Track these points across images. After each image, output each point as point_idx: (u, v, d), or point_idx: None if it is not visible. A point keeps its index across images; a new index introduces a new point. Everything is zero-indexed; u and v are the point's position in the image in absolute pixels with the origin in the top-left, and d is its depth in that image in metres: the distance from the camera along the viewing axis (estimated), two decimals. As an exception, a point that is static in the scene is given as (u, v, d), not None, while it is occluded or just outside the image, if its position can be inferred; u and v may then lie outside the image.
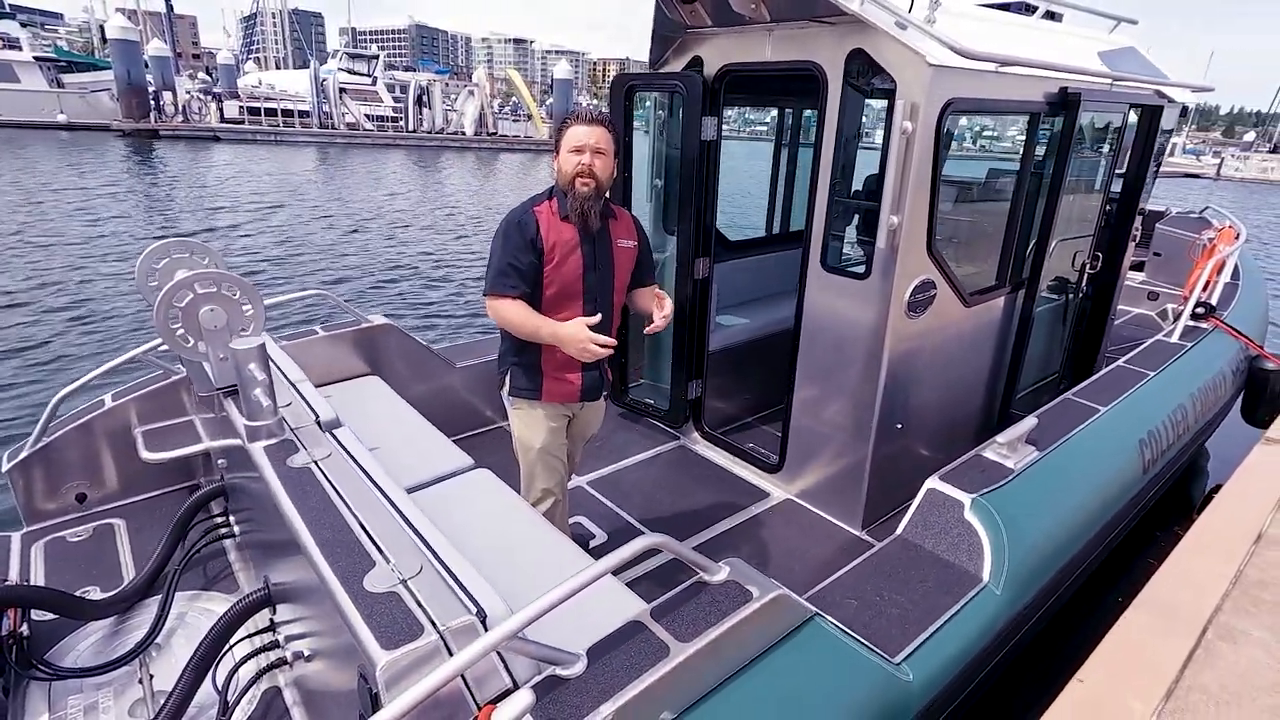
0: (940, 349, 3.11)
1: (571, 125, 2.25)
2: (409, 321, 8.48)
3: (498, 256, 2.26)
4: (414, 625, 1.33)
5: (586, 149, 2.20)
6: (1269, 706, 1.82)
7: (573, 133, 2.22)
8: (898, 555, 2.28)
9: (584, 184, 2.21)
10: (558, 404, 2.46)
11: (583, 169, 2.20)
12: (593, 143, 2.20)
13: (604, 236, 2.34)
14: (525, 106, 41.69)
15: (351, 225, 14.05)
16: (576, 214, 2.24)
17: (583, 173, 2.20)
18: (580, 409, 2.55)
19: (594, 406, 2.62)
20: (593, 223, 2.28)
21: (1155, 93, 3.75)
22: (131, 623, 2.35)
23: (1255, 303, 4.98)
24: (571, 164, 2.22)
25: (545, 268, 2.26)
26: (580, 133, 2.22)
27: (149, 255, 2.59)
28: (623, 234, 2.41)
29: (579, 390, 2.44)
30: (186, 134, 29.68)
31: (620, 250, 2.40)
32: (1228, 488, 2.89)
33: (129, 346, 2.97)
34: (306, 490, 1.76)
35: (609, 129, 2.26)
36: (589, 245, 2.31)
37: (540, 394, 2.41)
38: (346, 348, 3.49)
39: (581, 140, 2.21)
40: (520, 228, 2.24)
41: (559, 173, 2.27)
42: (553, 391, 2.42)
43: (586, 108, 2.32)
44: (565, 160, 2.23)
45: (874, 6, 2.52)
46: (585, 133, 2.22)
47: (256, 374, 1.93)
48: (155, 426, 2.94)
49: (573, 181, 2.22)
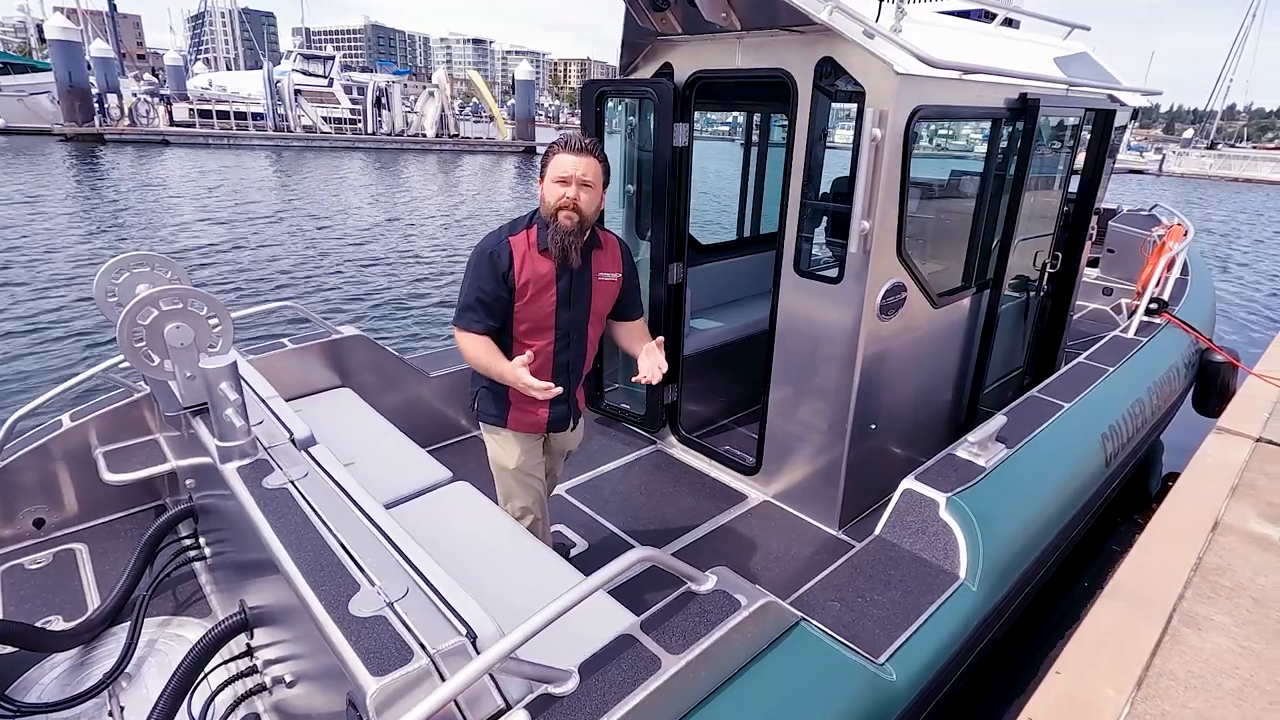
0: (911, 349, 3.17)
1: (559, 153, 2.12)
2: (379, 331, 8.34)
3: (466, 289, 2.17)
4: (403, 649, 1.31)
5: (573, 181, 2.07)
6: (1232, 689, 1.90)
7: (559, 161, 2.10)
8: (877, 555, 2.32)
9: (567, 218, 2.09)
10: (526, 433, 2.40)
11: (566, 202, 2.08)
12: (580, 174, 2.08)
13: (584, 270, 2.24)
14: (487, 108, 41.30)
15: (314, 232, 13.75)
16: (557, 249, 2.13)
17: (565, 205, 2.08)
18: (554, 443, 2.52)
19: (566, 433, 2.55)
20: (574, 259, 2.15)
21: (1108, 97, 3.88)
22: (98, 653, 2.26)
23: (1203, 297, 5.19)
24: (555, 195, 2.09)
25: (516, 304, 2.17)
26: (567, 163, 2.09)
27: (107, 270, 2.49)
28: (606, 266, 2.30)
29: (545, 422, 2.38)
30: (134, 138, 28.68)
31: (601, 284, 2.30)
32: (1184, 478, 3.01)
33: (87, 363, 2.86)
34: (285, 512, 1.72)
35: (599, 159, 2.14)
36: (565, 281, 2.21)
37: (506, 422, 2.37)
38: (316, 360, 3.41)
39: (568, 171, 2.08)
40: (492, 260, 2.14)
41: (542, 202, 2.15)
42: (519, 420, 2.36)
43: (576, 135, 2.20)
44: (549, 190, 2.11)
45: (842, 16, 2.56)
46: (572, 163, 2.09)
47: (228, 393, 1.88)
48: (117, 446, 2.84)
49: (555, 214, 2.10)
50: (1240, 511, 2.75)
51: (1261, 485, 2.94)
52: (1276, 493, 2.88)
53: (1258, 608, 2.23)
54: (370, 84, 35.58)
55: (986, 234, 3.44)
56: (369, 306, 9.42)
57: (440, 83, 37.07)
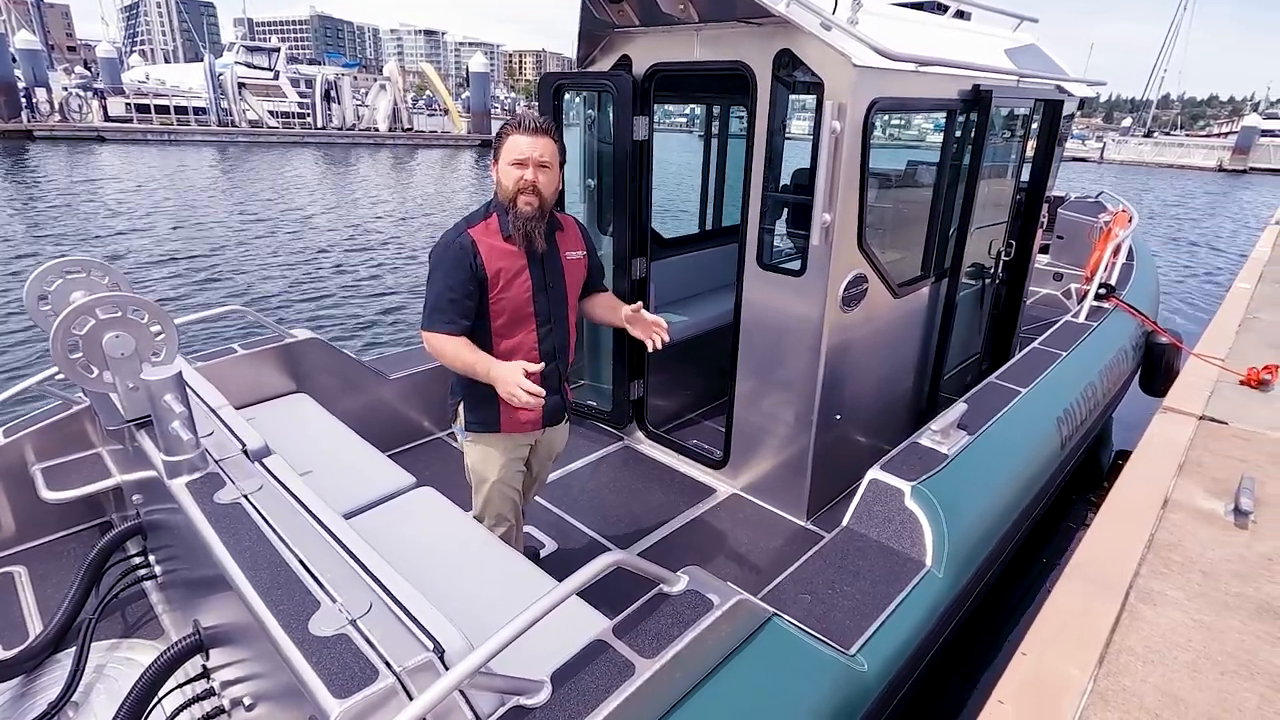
0: (873, 339, 3.21)
1: (512, 134, 2.05)
2: (334, 333, 8.12)
3: (435, 289, 2.08)
4: (367, 669, 1.26)
5: (530, 162, 2.02)
6: (1187, 661, 1.97)
7: (513, 143, 2.04)
8: (845, 546, 2.34)
9: (526, 202, 2.05)
10: (518, 434, 2.33)
11: (525, 185, 2.03)
12: (536, 155, 2.03)
13: (552, 252, 2.19)
14: (441, 101, 40.57)
15: (263, 232, 13.31)
16: (520, 235, 2.07)
17: (525, 189, 2.03)
18: (543, 434, 2.44)
19: (557, 428, 2.49)
20: (539, 244, 2.11)
21: (1056, 88, 3.98)
22: (42, 681, 2.15)
23: (1148, 281, 5.39)
24: (512, 179, 2.04)
25: (490, 295, 2.10)
26: (522, 144, 2.03)
27: (39, 277, 2.35)
28: (571, 245, 2.28)
29: (540, 418, 2.32)
30: (65, 135, 27.41)
31: (570, 264, 2.26)
32: (1134, 457, 3.11)
33: (19, 374, 2.70)
34: (238, 529, 1.64)
35: (554, 139, 2.09)
36: (536, 266, 2.15)
37: (499, 426, 2.28)
38: (269, 365, 3.29)
39: (524, 153, 2.02)
40: (457, 256, 2.06)
41: (499, 186, 2.10)
42: (511, 422, 2.27)
43: (529, 114, 2.12)
44: (505, 173, 2.06)
45: (799, 8, 2.55)
46: (528, 144, 2.03)
47: (173, 405, 1.78)
48: (56, 462, 2.69)
49: (514, 198, 2.05)
50: (1187, 488, 2.85)
51: (1207, 462, 3.05)
52: (1220, 468, 3.00)
53: (1207, 581, 2.31)
54: (318, 77, 34.58)
55: (944, 223, 3.50)
56: (323, 308, 9.18)
57: (392, 75, 36.30)
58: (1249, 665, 1.95)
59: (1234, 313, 5.15)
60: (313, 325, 7.84)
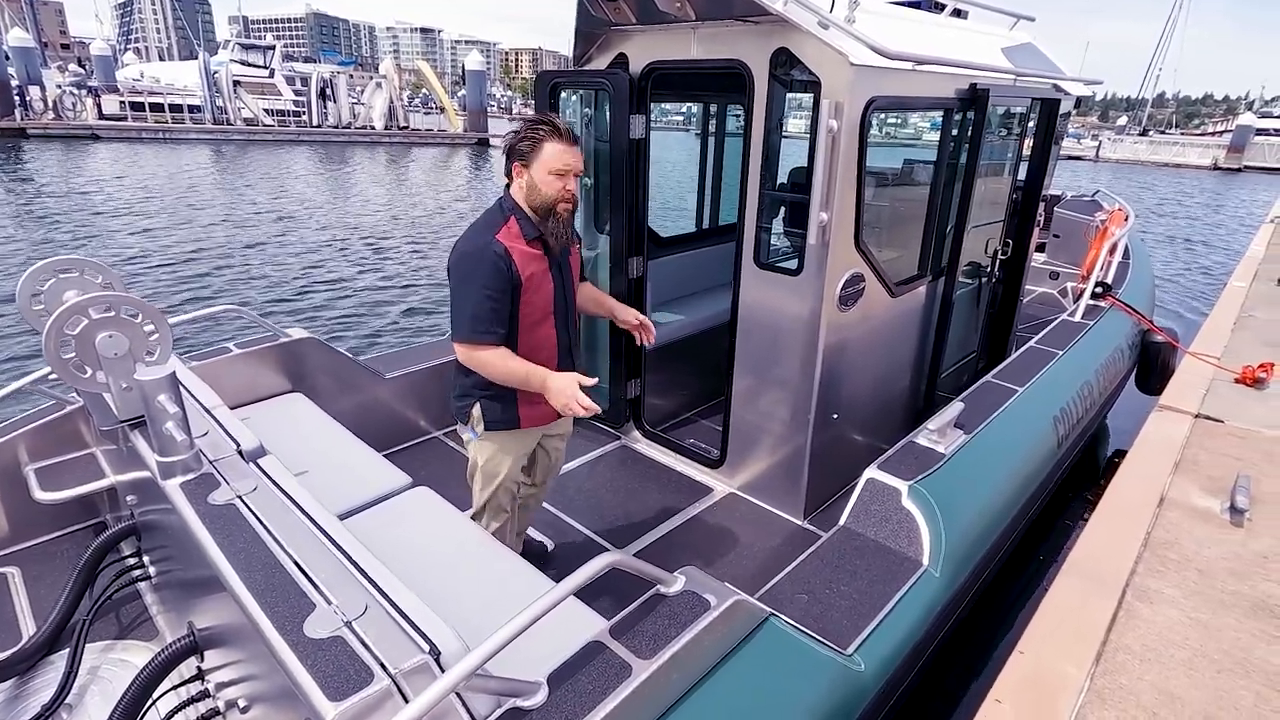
0: (870, 339, 3.21)
1: (549, 141, 2.05)
2: (330, 332, 8.09)
3: (474, 298, 2.05)
4: (362, 671, 1.25)
5: (572, 173, 2.08)
6: (1183, 659, 1.97)
7: (555, 152, 2.05)
8: (842, 546, 2.34)
9: (565, 209, 2.11)
10: (536, 427, 2.36)
11: (568, 195, 2.09)
12: (578, 167, 2.09)
13: (563, 252, 2.25)
14: (437, 99, 40.45)
15: (258, 230, 13.26)
16: (556, 240, 2.13)
17: (567, 199, 2.09)
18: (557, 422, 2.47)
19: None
20: (570, 245, 2.22)
21: (1053, 86, 3.98)
22: (35, 683, 2.13)
23: (1144, 280, 5.40)
24: (555, 189, 2.07)
25: (521, 299, 2.13)
26: (566, 156, 2.06)
27: (31, 276, 2.33)
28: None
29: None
30: (60, 133, 27.27)
31: (573, 262, 2.34)
32: (1130, 456, 3.12)
33: (11, 374, 2.68)
34: (233, 530, 1.63)
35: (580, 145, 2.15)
36: (555, 267, 2.21)
37: (519, 422, 2.30)
38: (265, 365, 3.27)
39: (567, 164, 2.06)
40: (495, 263, 2.04)
41: (535, 193, 2.10)
42: (530, 416, 2.30)
43: (563, 122, 2.14)
44: (546, 183, 2.07)
45: (797, 6, 2.54)
46: (572, 156, 2.07)
47: (167, 405, 1.77)
48: (50, 463, 2.67)
49: (554, 206, 2.10)
50: (1183, 486, 2.86)
51: (1203, 460, 3.06)
52: (1216, 466, 3.01)
53: (1203, 579, 2.32)
54: (314, 75, 34.46)
55: (940, 222, 3.50)
56: (319, 307, 9.15)
57: (388, 73, 36.21)
58: (1245, 663, 1.96)
59: (1229, 311, 5.16)
60: (308, 324, 7.81)
